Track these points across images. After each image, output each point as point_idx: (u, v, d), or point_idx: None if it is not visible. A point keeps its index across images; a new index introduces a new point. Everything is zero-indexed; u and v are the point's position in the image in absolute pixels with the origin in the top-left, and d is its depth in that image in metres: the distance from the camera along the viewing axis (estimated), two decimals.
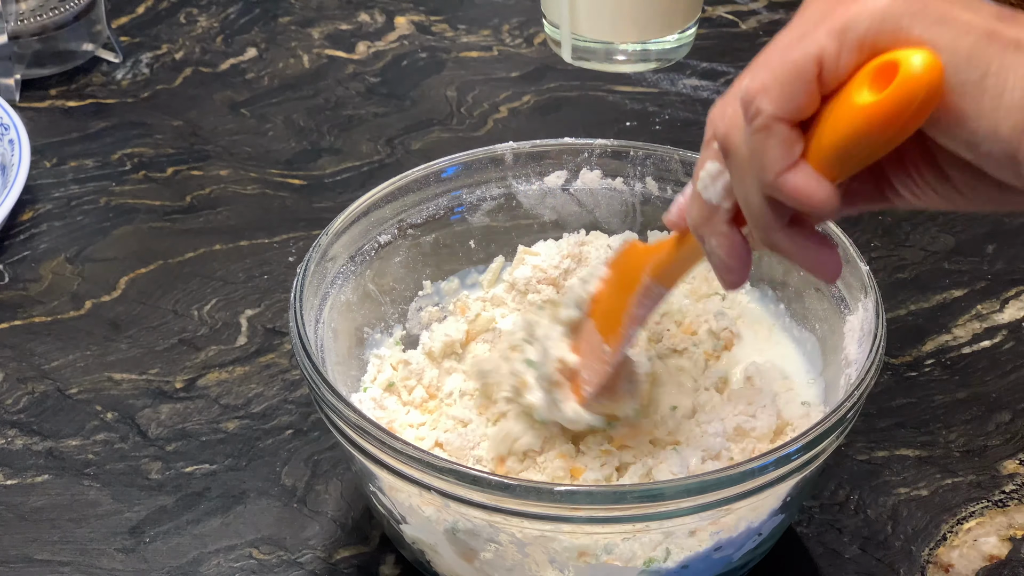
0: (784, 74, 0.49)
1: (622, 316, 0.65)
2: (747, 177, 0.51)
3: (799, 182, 0.50)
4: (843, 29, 0.48)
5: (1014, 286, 0.91)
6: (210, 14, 1.21)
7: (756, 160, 0.50)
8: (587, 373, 0.67)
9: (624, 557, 0.64)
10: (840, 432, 0.63)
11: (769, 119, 0.49)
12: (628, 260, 0.67)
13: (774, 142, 0.50)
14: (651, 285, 0.64)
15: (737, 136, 0.51)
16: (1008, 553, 0.73)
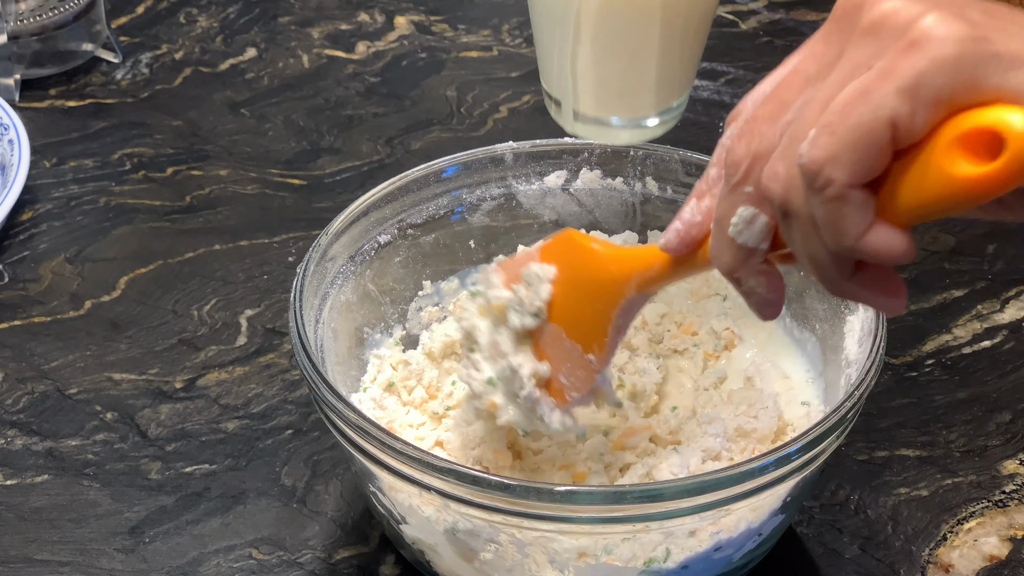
0: (855, 141, 0.46)
1: (603, 327, 0.63)
2: (814, 238, 0.49)
3: (880, 242, 0.47)
4: (915, 87, 0.45)
5: (1014, 286, 0.90)
6: (210, 14, 1.21)
7: (830, 227, 0.48)
8: (569, 380, 0.65)
9: (624, 557, 0.64)
10: (840, 432, 0.63)
11: (843, 188, 0.46)
12: (579, 262, 0.64)
13: (850, 209, 0.47)
14: (637, 297, 0.62)
15: (798, 200, 0.48)
16: (1008, 553, 0.73)
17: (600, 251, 0.63)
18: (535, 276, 0.65)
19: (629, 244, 0.80)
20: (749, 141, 0.51)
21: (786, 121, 0.50)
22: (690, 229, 0.57)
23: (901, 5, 0.47)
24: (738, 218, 0.52)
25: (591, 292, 0.64)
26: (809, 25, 1.19)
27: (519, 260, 0.67)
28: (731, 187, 0.52)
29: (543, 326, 0.65)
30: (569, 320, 0.65)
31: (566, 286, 0.65)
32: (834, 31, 0.50)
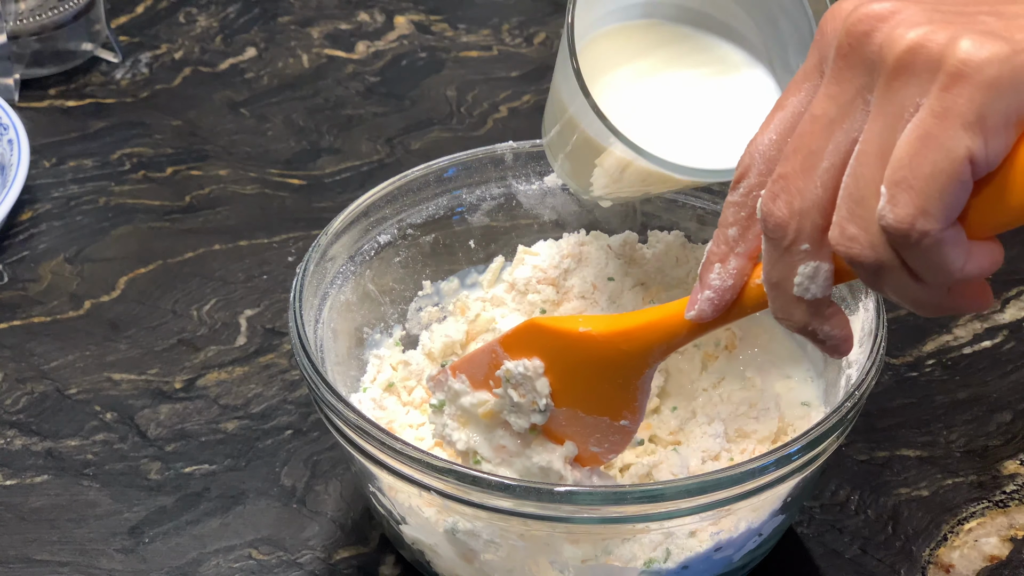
0: (939, 189, 0.45)
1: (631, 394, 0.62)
2: (909, 282, 0.48)
3: (979, 263, 0.47)
4: (980, 119, 0.44)
5: (1015, 286, 0.90)
6: (209, 14, 1.21)
7: (932, 271, 0.47)
8: (603, 446, 0.64)
9: (624, 557, 0.64)
10: (840, 432, 0.63)
11: (938, 235, 0.45)
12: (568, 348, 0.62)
13: (949, 249, 0.46)
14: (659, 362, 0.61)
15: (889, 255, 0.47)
16: (1009, 553, 0.73)
17: (596, 333, 0.61)
18: (521, 376, 0.63)
19: (629, 243, 0.80)
20: (788, 200, 0.50)
21: (824, 169, 0.49)
22: (723, 295, 0.56)
23: (923, 35, 0.46)
24: (801, 277, 0.51)
25: (605, 372, 0.62)
26: None
27: (476, 359, 0.65)
28: (784, 250, 0.51)
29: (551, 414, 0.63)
30: (584, 401, 0.63)
31: (564, 374, 0.62)
32: (844, 67, 0.48)
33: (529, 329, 0.63)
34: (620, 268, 0.80)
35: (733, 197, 0.55)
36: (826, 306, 0.52)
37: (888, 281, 0.49)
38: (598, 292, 0.79)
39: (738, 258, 0.56)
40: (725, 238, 0.56)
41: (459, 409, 0.65)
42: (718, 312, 0.57)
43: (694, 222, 0.80)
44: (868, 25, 0.47)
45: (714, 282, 0.56)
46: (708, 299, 0.57)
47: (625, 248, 0.80)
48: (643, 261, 0.80)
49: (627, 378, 0.61)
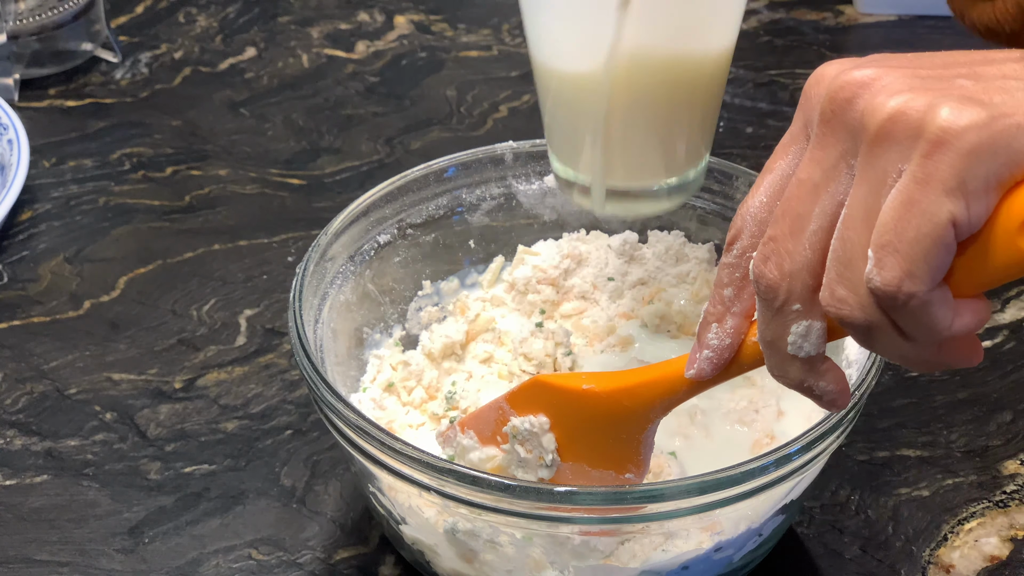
0: (922, 253, 0.46)
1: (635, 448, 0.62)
2: (898, 341, 0.49)
3: (967, 320, 0.48)
4: (960, 184, 0.45)
5: (1014, 286, 0.90)
6: (209, 13, 1.21)
7: (920, 330, 0.48)
8: None
9: (624, 557, 0.64)
10: (841, 432, 0.63)
11: (925, 296, 0.46)
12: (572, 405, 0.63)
13: (936, 309, 0.47)
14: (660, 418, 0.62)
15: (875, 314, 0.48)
16: (1009, 554, 0.73)
17: (600, 390, 0.62)
18: (527, 432, 0.64)
19: (629, 243, 0.80)
20: (779, 262, 0.51)
21: (812, 232, 0.50)
22: (722, 354, 0.57)
23: (903, 103, 0.46)
24: (794, 336, 0.52)
25: (608, 428, 0.63)
26: (809, 24, 1.19)
27: (484, 415, 0.66)
28: (776, 311, 0.52)
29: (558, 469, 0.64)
30: (588, 456, 0.64)
31: (569, 430, 0.63)
32: (828, 133, 0.49)
33: (534, 386, 0.64)
34: (620, 268, 0.80)
35: (727, 259, 0.56)
36: (821, 362, 0.53)
37: (879, 340, 0.49)
38: (598, 292, 0.79)
39: (734, 317, 0.57)
40: (721, 298, 0.57)
41: (468, 464, 0.66)
42: (717, 370, 0.58)
43: (694, 222, 0.80)
44: (850, 92, 0.49)
45: (712, 341, 0.57)
46: (707, 358, 0.58)
47: (625, 248, 0.80)
48: (643, 261, 0.80)
49: (630, 433, 0.62)
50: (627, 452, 0.63)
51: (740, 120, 1.06)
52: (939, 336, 0.48)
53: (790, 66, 1.12)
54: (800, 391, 0.54)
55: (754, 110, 1.08)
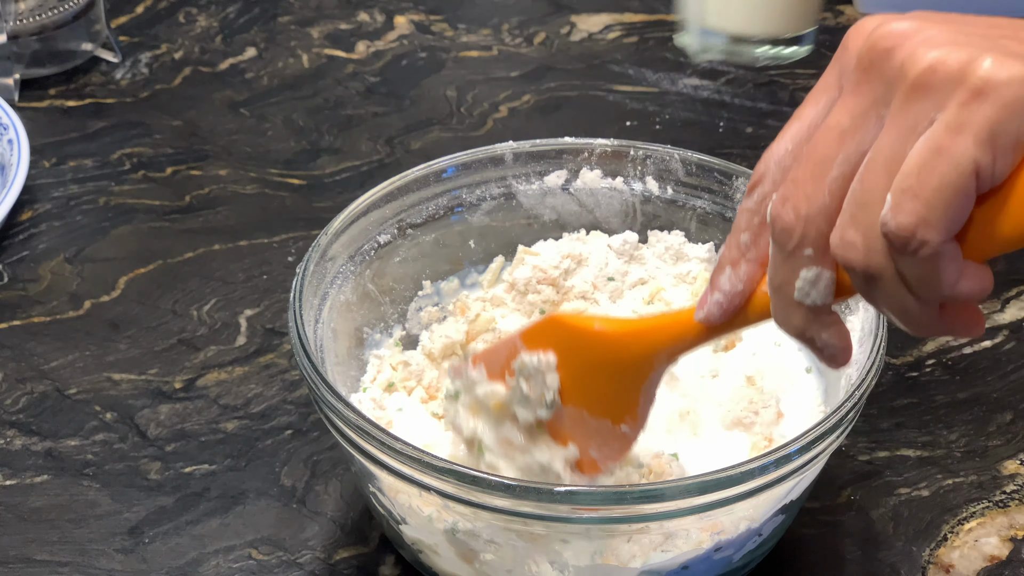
0: (942, 200, 0.46)
1: (634, 398, 0.62)
2: (901, 292, 0.49)
3: (972, 284, 0.48)
4: (992, 136, 0.45)
5: (1014, 286, 0.90)
6: (209, 14, 1.21)
7: (925, 283, 0.48)
8: (603, 452, 0.64)
9: (624, 557, 0.64)
10: (841, 432, 0.63)
11: (937, 247, 0.46)
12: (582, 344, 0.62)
13: (945, 263, 0.47)
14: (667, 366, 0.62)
15: (883, 263, 0.48)
16: (1009, 554, 0.73)
17: (610, 331, 0.62)
18: (534, 369, 0.63)
19: (629, 243, 0.80)
20: (796, 205, 0.51)
21: (833, 178, 0.50)
22: (732, 299, 0.57)
23: (945, 53, 0.46)
24: (802, 282, 0.52)
25: (613, 372, 0.62)
26: None
27: (497, 350, 0.65)
28: (788, 254, 0.52)
29: (557, 411, 0.64)
30: (589, 401, 0.63)
31: (574, 370, 0.63)
32: (863, 81, 0.49)
33: (549, 323, 0.64)
34: (620, 268, 0.80)
35: (747, 204, 0.56)
36: (826, 314, 0.53)
37: (882, 290, 0.49)
38: (598, 292, 0.79)
39: (749, 264, 0.56)
40: (737, 243, 0.56)
41: (472, 398, 0.65)
42: (726, 316, 0.57)
43: (694, 222, 0.80)
44: (891, 42, 0.48)
45: (724, 286, 0.57)
46: (717, 302, 0.57)
47: (625, 248, 0.80)
48: (643, 261, 0.80)
49: (633, 380, 0.62)
50: (627, 401, 0.62)
51: (740, 120, 1.06)
52: (942, 293, 0.48)
53: (790, 66, 1.12)
54: (802, 341, 0.54)
55: (754, 110, 1.08)
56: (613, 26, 1.19)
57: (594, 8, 1.21)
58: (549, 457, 0.64)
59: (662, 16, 1.20)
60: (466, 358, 0.67)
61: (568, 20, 1.20)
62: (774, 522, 0.67)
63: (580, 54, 1.16)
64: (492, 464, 0.65)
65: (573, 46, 1.17)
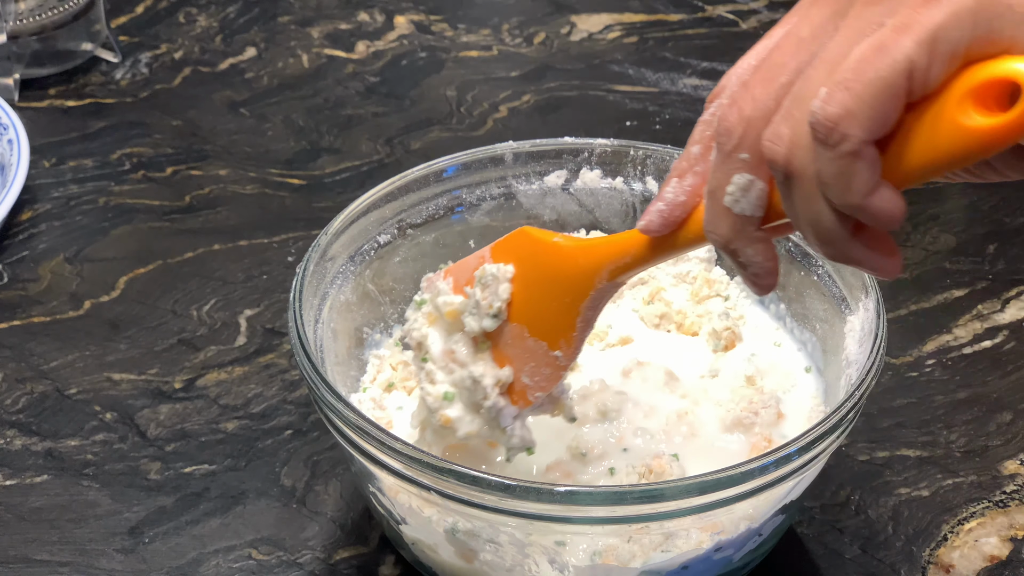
0: (872, 95, 0.46)
1: (571, 321, 0.62)
2: (817, 199, 0.49)
3: (883, 202, 0.47)
4: (933, 39, 0.45)
5: (1015, 286, 0.90)
6: (209, 14, 1.21)
7: (839, 184, 0.47)
8: (534, 379, 0.64)
9: (624, 557, 0.64)
10: (840, 432, 0.63)
11: (858, 144, 0.46)
12: (540, 258, 0.63)
13: (862, 166, 0.47)
14: (607, 287, 0.61)
15: (804, 159, 0.48)
16: (1009, 553, 0.73)
17: (564, 244, 0.62)
18: (491, 277, 0.64)
19: None
20: (742, 107, 0.51)
21: (781, 84, 0.50)
22: (674, 209, 0.57)
23: None
24: (734, 186, 0.52)
25: (557, 286, 0.62)
26: None
27: (468, 263, 0.66)
28: (725, 155, 0.52)
29: (502, 327, 0.64)
30: (532, 318, 0.63)
31: (526, 283, 0.63)
32: None
33: (516, 235, 0.64)
34: None
35: (704, 116, 0.56)
36: (753, 227, 0.53)
37: (799, 192, 0.49)
38: None
39: (695, 176, 0.56)
40: (688, 155, 0.56)
41: (433, 307, 0.66)
42: (666, 225, 0.57)
43: None
44: None
45: (667, 195, 0.57)
46: (658, 210, 0.57)
47: None
48: None
49: (574, 297, 0.62)
50: (565, 322, 0.62)
51: None
52: (853, 200, 0.47)
53: None
54: (727, 253, 0.54)
55: None
56: (613, 26, 1.19)
57: (594, 8, 1.21)
58: (482, 372, 0.64)
59: (662, 16, 1.20)
60: (440, 270, 0.68)
61: (568, 20, 1.20)
62: (774, 522, 0.67)
63: (580, 54, 1.16)
64: (430, 372, 0.65)
65: (573, 46, 1.17)
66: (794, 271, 0.76)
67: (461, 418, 0.65)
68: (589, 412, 0.71)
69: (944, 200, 0.99)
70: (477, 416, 0.65)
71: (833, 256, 0.51)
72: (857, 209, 0.48)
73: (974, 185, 1.00)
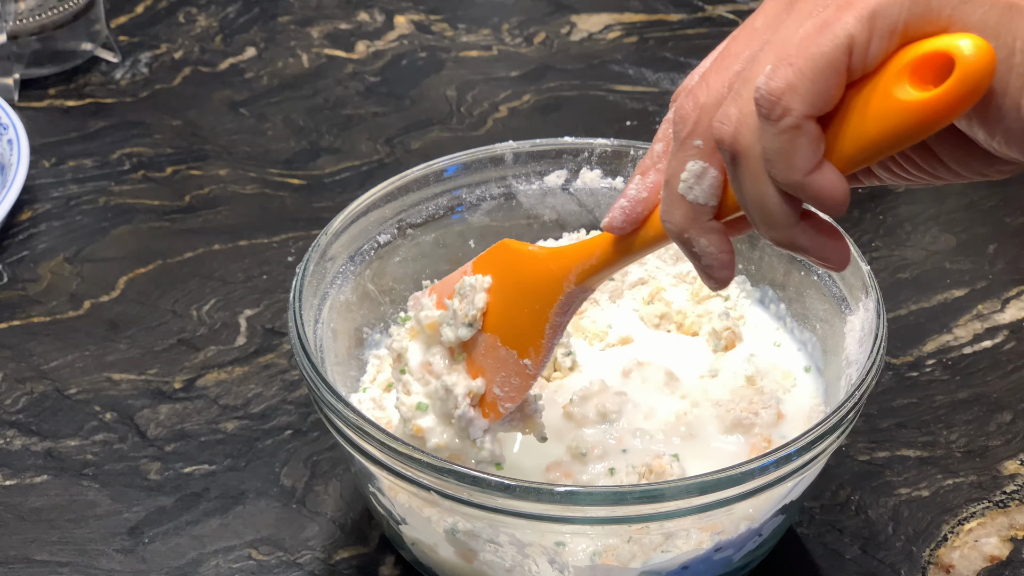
0: (813, 70, 0.47)
1: (540, 327, 0.63)
2: (762, 178, 0.49)
3: (826, 182, 0.48)
4: (873, 15, 0.46)
5: (1015, 286, 0.90)
6: (209, 13, 1.21)
7: (782, 160, 0.48)
8: (504, 390, 0.64)
9: (624, 557, 0.64)
10: (841, 432, 0.63)
11: (800, 119, 0.47)
12: (514, 267, 0.64)
13: (804, 141, 0.48)
14: (576, 291, 0.62)
15: (750, 137, 0.49)
16: (1009, 554, 0.73)
17: (536, 251, 0.63)
18: (469, 288, 0.64)
19: None
20: (696, 95, 0.52)
21: (734, 71, 0.51)
22: (636, 205, 0.57)
23: None
24: (688, 173, 0.52)
25: (527, 293, 0.63)
26: None
27: (451, 279, 0.67)
28: (680, 143, 0.52)
29: (478, 337, 0.64)
30: (504, 327, 0.64)
31: (502, 293, 0.64)
32: None
33: (496, 247, 0.65)
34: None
35: (668, 115, 0.56)
36: (707, 216, 0.53)
37: (745, 172, 0.50)
38: (598, 292, 0.79)
39: (658, 173, 0.57)
40: (651, 153, 0.57)
41: (416, 322, 0.67)
42: (628, 222, 0.57)
43: None
44: None
45: (630, 192, 0.57)
46: (621, 207, 0.58)
47: None
48: (643, 261, 0.80)
49: (543, 303, 0.62)
50: (534, 329, 0.63)
51: None
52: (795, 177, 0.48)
53: None
54: (681, 243, 0.54)
55: None
56: (613, 26, 1.19)
57: (594, 8, 1.21)
58: (455, 381, 0.64)
59: (662, 16, 1.20)
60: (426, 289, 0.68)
61: (568, 20, 1.20)
62: (774, 522, 0.67)
63: (580, 54, 1.16)
64: (406, 383, 0.66)
65: (573, 46, 1.17)
66: (794, 271, 0.76)
67: (432, 428, 0.65)
68: (589, 414, 0.71)
69: (944, 200, 0.99)
70: (448, 427, 0.65)
71: (779, 241, 0.51)
72: (799, 187, 0.49)
73: (974, 185, 1.00)
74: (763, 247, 0.78)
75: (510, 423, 0.66)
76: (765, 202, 0.50)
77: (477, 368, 0.65)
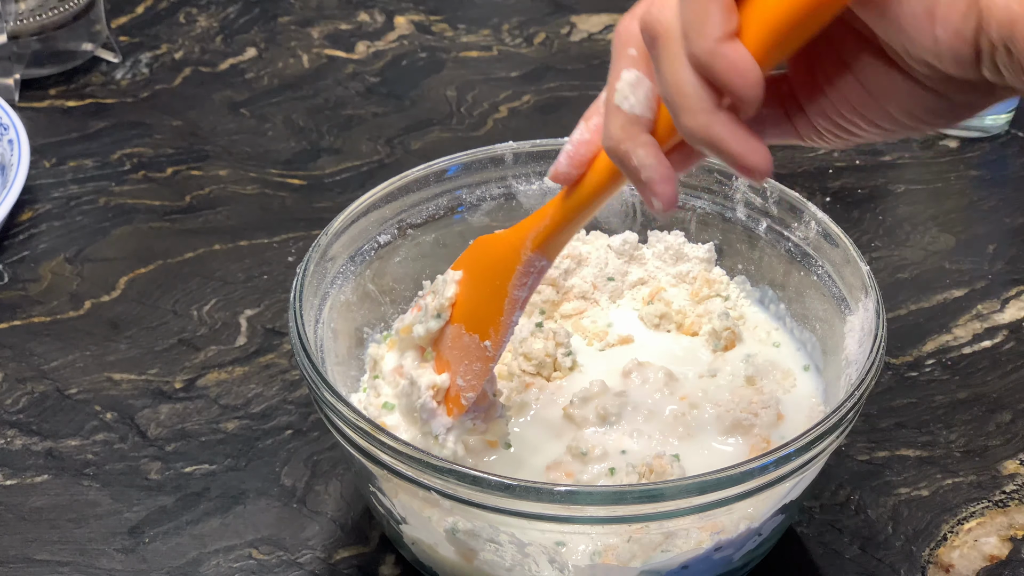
0: None
1: (499, 305, 0.64)
2: (678, 55, 0.49)
3: (736, 56, 0.48)
4: None
5: (1015, 286, 0.90)
6: (209, 14, 1.21)
7: (694, 28, 0.48)
8: (466, 379, 0.65)
9: (624, 557, 0.64)
10: (840, 432, 0.63)
11: None
12: (481, 253, 0.65)
13: (716, 7, 0.48)
14: (533, 259, 0.62)
15: (669, 15, 0.49)
16: (1009, 553, 0.73)
17: (500, 232, 0.64)
18: (441, 283, 0.66)
19: (629, 243, 0.80)
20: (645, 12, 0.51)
21: None
22: (579, 147, 0.57)
23: None
24: (622, 82, 0.52)
25: (488, 273, 0.64)
26: None
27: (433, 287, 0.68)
28: (616, 56, 0.52)
29: (446, 330, 0.66)
30: (468, 313, 0.65)
31: (469, 283, 0.65)
32: None
33: (472, 244, 0.66)
34: (620, 268, 0.80)
35: None
36: (644, 129, 0.53)
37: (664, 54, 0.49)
38: (598, 292, 0.79)
39: (600, 116, 0.56)
40: (597, 101, 0.57)
41: (393, 332, 0.69)
42: (573, 166, 0.57)
43: (694, 222, 0.80)
44: None
45: (574, 136, 0.57)
46: (565, 151, 0.58)
47: (625, 248, 0.80)
48: (643, 261, 0.80)
49: (502, 278, 0.63)
50: (494, 307, 0.64)
51: None
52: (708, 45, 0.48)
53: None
54: (618, 157, 0.54)
55: None
56: (613, 26, 1.19)
57: (594, 8, 1.21)
58: (420, 375, 0.66)
59: None
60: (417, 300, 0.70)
61: (568, 20, 1.20)
62: (774, 522, 0.67)
63: (580, 54, 1.16)
64: (377, 387, 0.68)
65: (573, 46, 1.17)
66: (794, 271, 0.76)
67: (396, 426, 0.67)
68: (589, 416, 0.71)
69: (944, 200, 0.99)
70: (412, 424, 0.66)
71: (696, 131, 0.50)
72: (710, 55, 0.48)
73: (974, 185, 1.00)
74: (763, 247, 0.78)
75: (473, 425, 0.67)
76: (681, 84, 0.49)
77: (444, 363, 0.66)
